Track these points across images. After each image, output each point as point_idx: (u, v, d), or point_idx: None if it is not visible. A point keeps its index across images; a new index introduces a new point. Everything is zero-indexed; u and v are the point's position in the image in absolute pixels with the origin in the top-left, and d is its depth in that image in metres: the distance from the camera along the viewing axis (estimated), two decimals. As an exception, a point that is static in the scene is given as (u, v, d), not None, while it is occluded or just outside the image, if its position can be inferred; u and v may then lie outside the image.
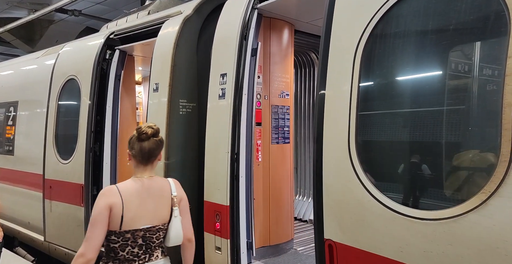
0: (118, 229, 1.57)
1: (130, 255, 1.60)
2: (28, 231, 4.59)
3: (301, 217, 4.31)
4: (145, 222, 1.61)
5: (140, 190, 1.63)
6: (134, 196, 1.61)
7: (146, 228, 1.61)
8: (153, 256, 1.65)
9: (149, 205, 1.63)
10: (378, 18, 1.76)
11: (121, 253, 1.59)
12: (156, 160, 1.73)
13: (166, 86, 3.09)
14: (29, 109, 4.87)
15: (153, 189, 1.67)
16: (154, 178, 1.71)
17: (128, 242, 1.59)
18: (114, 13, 8.23)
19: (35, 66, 5.09)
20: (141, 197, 1.62)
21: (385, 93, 1.89)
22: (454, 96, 1.60)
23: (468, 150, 1.55)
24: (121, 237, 1.58)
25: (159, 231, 1.66)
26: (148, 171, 1.70)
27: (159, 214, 1.65)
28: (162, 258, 1.70)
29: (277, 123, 3.26)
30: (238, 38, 2.67)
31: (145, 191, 1.64)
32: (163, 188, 1.70)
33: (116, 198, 1.57)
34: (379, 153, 1.87)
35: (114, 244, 1.59)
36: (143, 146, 1.65)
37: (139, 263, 1.60)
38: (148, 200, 1.64)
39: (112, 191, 1.59)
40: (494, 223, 1.33)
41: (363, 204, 1.72)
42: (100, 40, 3.90)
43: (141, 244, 1.61)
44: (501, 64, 1.36)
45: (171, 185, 1.73)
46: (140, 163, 1.68)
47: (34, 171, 4.47)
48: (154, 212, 1.64)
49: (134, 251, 1.60)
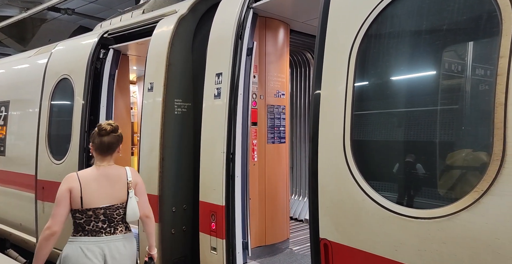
0: (80, 208, 1.93)
1: (96, 228, 1.96)
2: (20, 233, 4.52)
3: (296, 217, 4.32)
4: (104, 201, 1.96)
5: (98, 176, 1.99)
6: (92, 181, 1.97)
7: (105, 207, 1.96)
8: (118, 230, 2.00)
9: (107, 188, 1.98)
10: (372, 18, 1.77)
11: (87, 227, 1.95)
12: (115, 152, 2.08)
13: (161, 86, 3.07)
14: (21, 109, 4.80)
15: (111, 175, 2.02)
16: (112, 166, 2.06)
17: (92, 218, 1.95)
18: (108, 12, 8.15)
19: (27, 65, 5.02)
20: (98, 182, 1.98)
21: (379, 92, 1.91)
22: (447, 95, 1.62)
23: (461, 149, 1.57)
24: (84, 214, 1.95)
25: (118, 209, 2.01)
26: (107, 160, 2.05)
27: (117, 195, 2.00)
28: (126, 233, 2.05)
29: (272, 122, 3.26)
30: (233, 37, 2.67)
31: (103, 176, 2.00)
32: (120, 175, 2.04)
33: (75, 183, 1.93)
34: (374, 152, 1.88)
35: (79, 220, 1.96)
36: (102, 140, 2.01)
37: (105, 234, 1.96)
38: (105, 184, 1.99)
39: (72, 177, 1.97)
40: (487, 221, 1.35)
41: (358, 203, 1.73)
42: (93, 39, 3.86)
43: (104, 220, 1.97)
44: (493, 64, 1.38)
45: (127, 172, 2.07)
46: (100, 154, 2.04)
47: (26, 172, 4.40)
48: (112, 193, 1.99)
49: (99, 225, 1.96)
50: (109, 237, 1.96)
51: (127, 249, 2.01)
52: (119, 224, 2.01)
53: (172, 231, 3.08)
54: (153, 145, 3.08)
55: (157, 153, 3.03)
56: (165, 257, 3.02)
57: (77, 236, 1.96)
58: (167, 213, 3.05)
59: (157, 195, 3.01)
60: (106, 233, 1.96)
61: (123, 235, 2.01)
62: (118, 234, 1.99)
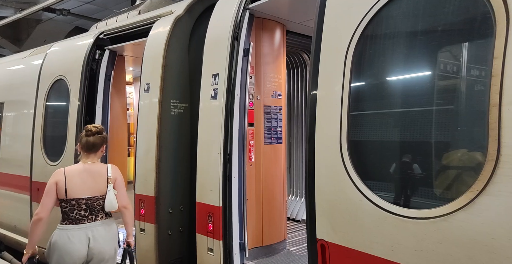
0: (65, 198, 2.25)
1: (79, 216, 2.27)
2: (14, 235, 4.47)
3: (294, 217, 4.32)
4: (86, 193, 2.29)
5: (82, 171, 2.32)
6: (76, 175, 2.29)
7: (87, 198, 2.28)
8: (98, 217, 2.31)
9: (89, 182, 2.30)
10: (368, 18, 1.78)
11: (71, 215, 2.26)
12: (99, 151, 2.41)
13: (157, 87, 3.06)
14: (16, 110, 4.75)
15: (93, 171, 2.34)
16: (95, 163, 2.38)
17: (75, 207, 2.27)
18: (104, 13, 8.11)
19: (21, 66, 4.98)
20: (82, 176, 2.30)
21: (376, 93, 1.91)
22: (442, 96, 1.63)
23: (456, 150, 1.58)
24: (68, 203, 2.26)
25: (99, 200, 2.32)
26: (91, 158, 2.38)
27: (97, 188, 2.32)
28: (106, 219, 2.35)
29: (269, 123, 3.26)
30: (230, 38, 2.67)
31: (86, 172, 2.33)
32: (101, 171, 2.36)
33: (61, 177, 2.27)
34: (371, 153, 1.89)
35: (64, 209, 2.28)
36: (88, 140, 2.35)
37: (87, 221, 2.28)
38: (88, 178, 2.31)
39: (59, 172, 2.31)
40: (482, 221, 1.36)
41: (355, 203, 1.74)
42: (89, 40, 3.84)
43: (86, 208, 2.28)
44: (487, 65, 1.39)
45: (108, 168, 2.38)
46: (85, 152, 2.38)
47: (21, 173, 4.36)
48: (93, 187, 2.31)
49: (81, 213, 2.27)
50: (90, 223, 2.27)
51: (108, 232, 2.31)
52: (100, 212, 2.32)
53: (168, 232, 3.07)
54: (150, 146, 3.06)
55: (153, 154, 3.02)
56: (162, 259, 3.01)
57: (63, 225, 2.26)
58: (163, 214, 3.03)
59: (154, 196, 3.00)
60: (88, 220, 2.28)
61: (103, 221, 2.32)
62: (98, 220, 2.30)
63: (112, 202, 2.30)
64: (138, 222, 3.14)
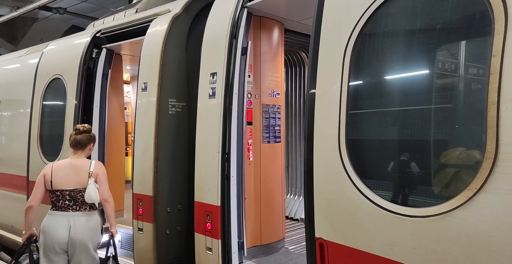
0: (51, 188, 2.55)
1: (64, 205, 2.54)
2: (11, 235, 4.45)
3: (292, 216, 4.33)
4: (69, 185, 2.55)
5: (68, 165, 2.60)
6: (61, 169, 2.57)
7: (70, 189, 2.55)
8: (82, 208, 2.55)
9: (72, 175, 2.56)
10: (366, 17, 1.78)
11: (57, 204, 2.55)
12: (87, 149, 2.68)
13: (155, 86, 3.05)
14: (12, 109, 4.72)
15: (77, 166, 2.60)
16: (80, 159, 2.64)
17: (60, 197, 2.54)
18: (101, 11, 8.06)
19: (17, 65, 4.94)
20: (66, 170, 2.57)
21: (374, 91, 1.91)
22: (441, 94, 1.63)
23: (455, 148, 1.58)
24: (54, 194, 2.55)
25: (81, 192, 2.56)
26: (78, 154, 2.65)
27: (80, 181, 2.56)
28: (89, 211, 2.57)
29: (268, 122, 3.26)
30: (228, 37, 2.66)
31: (71, 166, 2.59)
32: (84, 166, 2.60)
33: (48, 170, 2.59)
34: (369, 151, 1.89)
35: (52, 198, 2.56)
36: (76, 137, 2.64)
37: (72, 211, 2.53)
38: (71, 172, 2.57)
39: (48, 166, 2.62)
40: (481, 219, 1.36)
41: (353, 202, 1.74)
42: (86, 38, 3.81)
43: (70, 199, 2.54)
44: (486, 63, 1.39)
45: (91, 164, 2.61)
46: (73, 148, 2.66)
47: (17, 173, 4.33)
48: (75, 180, 2.56)
49: (66, 203, 2.54)
50: (74, 213, 2.53)
51: (88, 223, 2.53)
52: (84, 204, 2.56)
53: (167, 231, 3.06)
54: (147, 146, 3.05)
55: (151, 153, 3.01)
56: (160, 258, 3.00)
57: (52, 210, 2.56)
58: (161, 214, 3.02)
59: (152, 195, 2.99)
60: (73, 209, 2.54)
61: (85, 212, 2.55)
62: (82, 211, 2.54)
63: (91, 194, 2.52)
64: (136, 222, 3.12)
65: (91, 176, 2.55)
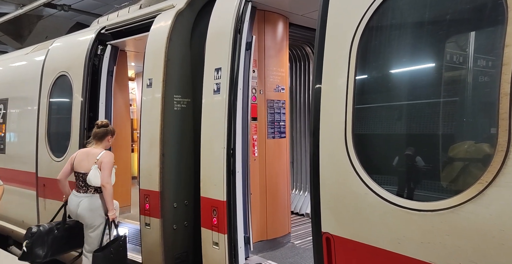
0: (73, 170, 3.06)
1: (79, 185, 3.03)
2: (22, 230, 4.53)
3: (297, 211, 4.33)
4: (82, 169, 3.00)
5: (84, 153, 3.08)
6: (80, 155, 3.08)
7: (83, 173, 2.99)
8: (88, 190, 2.99)
9: (85, 161, 3.02)
10: (373, 9, 1.74)
11: (76, 183, 3.05)
12: (105, 140, 3.10)
13: (159, 82, 3.05)
14: (20, 107, 4.77)
15: (90, 153, 3.04)
16: (96, 148, 3.07)
17: (77, 179, 3.04)
18: (105, 8, 8.06)
19: (24, 63, 4.98)
20: (82, 156, 3.06)
21: (381, 86, 1.88)
22: (450, 87, 1.60)
23: (464, 141, 1.56)
24: (75, 174, 3.06)
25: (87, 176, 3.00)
26: (95, 144, 3.09)
27: (88, 167, 2.97)
28: (94, 194, 2.98)
29: (272, 117, 3.24)
30: (232, 31, 2.63)
31: (86, 153, 3.06)
32: (95, 154, 3.01)
33: (75, 154, 3.12)
34: (376, 146, 1.87)
35: (75, 177, 3.06)
36: (96, 130, 3.10)
37: (81, 192, 3.01)
38: (85, 158, 3.03)
39: (75, 153, 3.14)
40: (491, 213, 1.34)
41: (360, 197, 1.73)
42: (91, 35, 3.82)
43: (83, 181, 3.00)
44: (498, 54, 1.36)
45: (100, 153, 3.00)
46: (93, 139, 3.11)
47: (26, 169, 4.40)
48: (87, 165, 2.99)
49: (80, 183, 3.02)
50: (82, 194, 2.99)
51: (90, 205, 2.94)
52: (90, 187, 2.97)
53: (173, 226, 3.09)
54: (153, 142, 3.07)
55: (157, 149, 3.02)
56: (167, 253, 3.03)
57: (73, 191, 3.06)
58: (168, 209, 3.05)
59: (158, 191, 3.01)
60: (82, 191, 3.00)
61: (89, 194, 2.97)
62: (88, 193, 2.97)
63: (91, 178, 2.90)
64: (143, 217, 3.16)
65: (96, 163, 2.94)
